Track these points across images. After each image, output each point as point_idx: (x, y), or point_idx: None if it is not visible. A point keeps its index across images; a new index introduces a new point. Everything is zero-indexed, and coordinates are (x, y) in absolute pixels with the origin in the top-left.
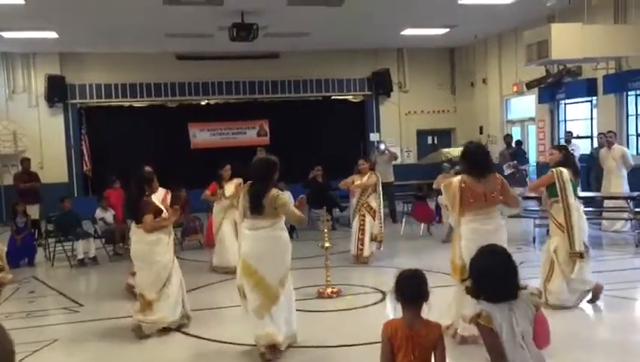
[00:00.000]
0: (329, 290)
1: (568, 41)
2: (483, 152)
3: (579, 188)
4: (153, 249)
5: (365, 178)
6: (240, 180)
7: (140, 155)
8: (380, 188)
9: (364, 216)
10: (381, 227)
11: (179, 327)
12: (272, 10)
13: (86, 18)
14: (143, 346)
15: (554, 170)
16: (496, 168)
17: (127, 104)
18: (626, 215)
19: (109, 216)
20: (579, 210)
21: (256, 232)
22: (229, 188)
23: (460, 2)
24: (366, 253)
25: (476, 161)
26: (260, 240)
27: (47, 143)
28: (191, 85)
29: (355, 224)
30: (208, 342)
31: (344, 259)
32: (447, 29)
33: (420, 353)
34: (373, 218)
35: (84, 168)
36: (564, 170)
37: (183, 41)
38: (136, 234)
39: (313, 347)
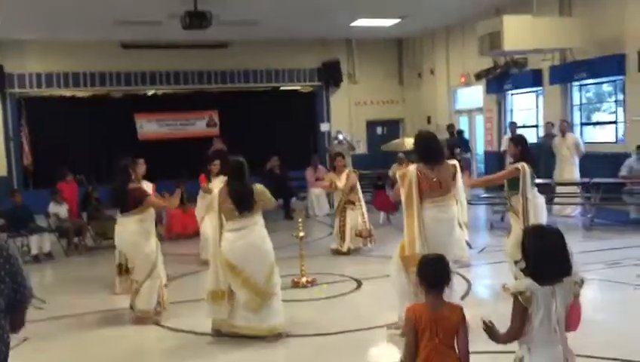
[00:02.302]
0: (304, 279)
1: (519, 32)
2: (434, 140)
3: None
4: (138, 239)
5: (344, 178)
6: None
7: (83, 147)
8: (358, 184)
9: (344, 211)
10: (364, 222)
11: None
12: None
13: (27, 1)
14: (117, 339)
15: (519, 165)
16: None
17: (69, 94)
18: (577, 200)
19: (62, 210)
20: (538, 200)
21: (244, 232)
22: (217, 183)
23: None
24: (345, 248)
25: (428, 148)
26: (247, 240)
27: None
28: (137, 75)
29: (337, 221)
30: (184, 333)
31: (318, 248)
32: (398, 20)
33: (444, 335)
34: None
35: (25, 161)
36: (526, 165)
37: (130, 28)
38: (122, 224)
39: (291, 336)
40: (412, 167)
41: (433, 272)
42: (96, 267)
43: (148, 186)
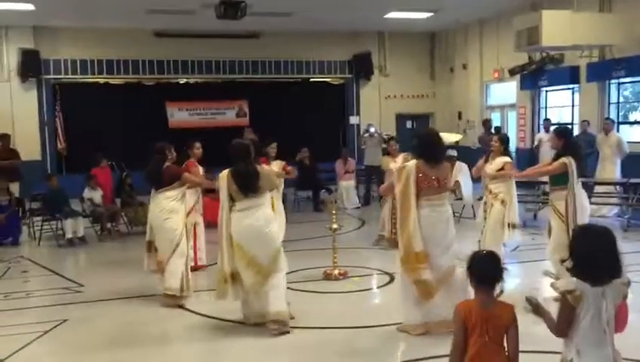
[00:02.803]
0: (336, 272)
1: (558, 28)
2: (438, 139)
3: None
4: (167, 215)
5: (400, 161)
6: None
7: (115, 134)
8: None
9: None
10: None
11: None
12: None
13: None
14: (156, 325)
15: (566, 160)
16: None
17: (102, 81)
18: (614, 200)
19: (97, 196)
20: (582, 198)
21: (249, 212)
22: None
23: None
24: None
25: (431, 146)
26: (251, 220)
27: (20, 120)
28: (169, 63)
29: (387, 208)
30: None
31: (349, 241)
32: (431, 13)
33: (494, 334)
34: None
35: (58, 146)
36: (573, 160)
37: (163, 17)
38: (154, 200)
39: (319, 328)
40: (411, 163)
41: (484, 268)
42: (129, 252)
43: (200, 171)
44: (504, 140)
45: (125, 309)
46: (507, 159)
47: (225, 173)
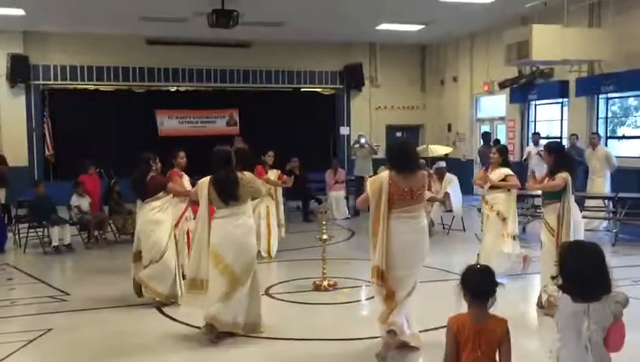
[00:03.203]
0: (325, 283)
1: (548, 42)
2: (410, 149)
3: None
4: (151, 226)
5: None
6: None
7: (104, 141)
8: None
9: None
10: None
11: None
12: None
13: None
14: (143, 334)
15: (565, 175)
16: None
17: (92, 87)
18: (603, 214)
19: (84, 203)
20: (576, 214)
21: (229, 220)
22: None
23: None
24: None
25: (402, 156)
26: (229, 228)
27: (7, 125)
28: (160, 71)
29: None
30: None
31: (338, 252)
32: (422, 26)
33: (487, 348)
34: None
35: (46, 152)
36: (569, 176)
37: (155, 24)
38: (140, 211)
39: (307, 340)
40: (384, 174)
41: (477, 283)
42: (116, 260)
43: (186, 180)
44: (503, 151)
45: (112, 318)
46: (508, 171)
47: (205, 180)
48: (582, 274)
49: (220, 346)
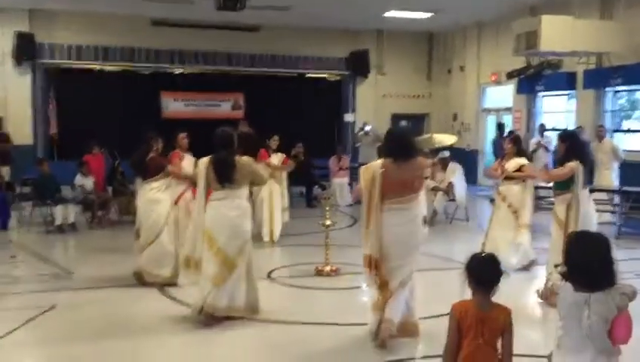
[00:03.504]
0: (328, 268)
1: (557, 33)
2: (406, 136)
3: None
4: (150, 206)
5: None
6: None
7: (108, 121)
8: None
9: None
10: None
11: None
12: None
13: None
14: (142, 314)
15: (574, 164)
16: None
17: (98, 67)
18: (607, 207)
19: (88, 183)
20: (588, 205)
21: (224, 202)
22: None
23: None
24: None
25: (395, 144)
26: (223, 210)
27: (12, 103)
28: (166, 52)
29: None
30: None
31: (341, 238)
32: (431, 14)
33: (489, 336)
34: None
35: (51, 131)
36: (580, 165)
37: (161, 5)
38: (141, 189)
39: (308, 323)
40: (377, 163)
41: (482, 271)
42: (119, 240)
43: (190, 160)
44: (517, 141)
45: (114, 297)
46: (524, 161)
47: (205, 160)
48: (587, 264)
49: (217, 328)
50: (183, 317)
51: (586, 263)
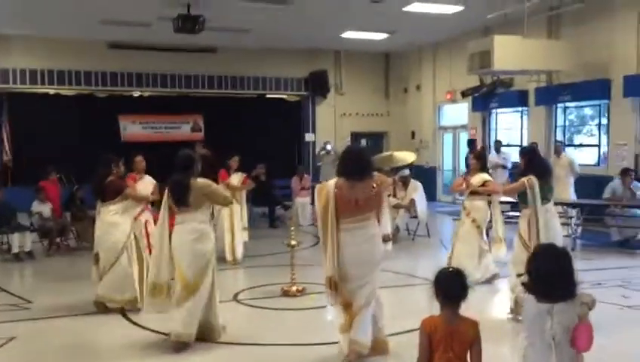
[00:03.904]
0: (294, 288)
1: (509, 52)
2: (360, 155)
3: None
4: (109, 229)
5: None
6: None
7: (65, 146)
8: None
9: None
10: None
11: (128, 310)
12: (218, 2)
13: None
14: (106, 342)
15: (525, 178)
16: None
17: (53, 91)
18: (562, 220)
19: (46, 209)
20: (551, 218)
21: (181, 226)
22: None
23: (404, 9)
24: None
25: (348, 162)
26: (180, 234)
27: None
28: (123, 76)
29: None
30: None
31: (304, 257)
32: (387, 35)
33: (459, 349)
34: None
35: (4, 158)
36: (534, 179)
37: (118, 28)
38: (100, 212)
39: (275, 345)
40: (331, 182)
41: (449, 285)
42: (78, 267)
43: (150, 182)
44: (480, 157)
45: (76, 326)
46: (486, 176)
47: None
48: (549, 277)
49: (184, 353)
50: (148, 343)
51: (549, 275)
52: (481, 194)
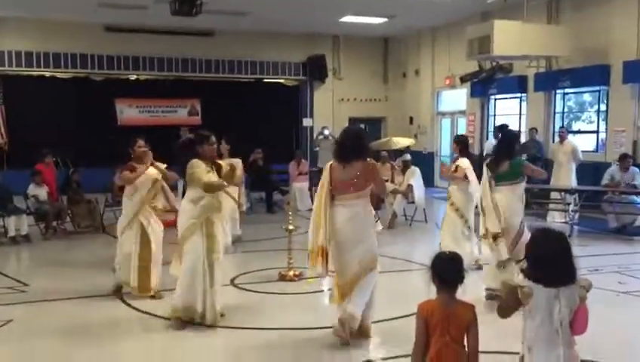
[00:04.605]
0: (291, 273)
1: (508, 38)
2: (353, 138)
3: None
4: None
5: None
6: None
7: (60, 129)
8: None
9: None
10: None
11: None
12: None
13: None
14: (103, 324)
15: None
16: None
17: (48, 74)
18: (560, 206)
19: (42, 193)
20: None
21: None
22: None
23: None
24: None
25: (341, 145)
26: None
27: None
28: (119, 59)
29: None
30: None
31: (303, 242)
32: (386, 19)
33: (456, 333)
34: None
35: (0, 141)
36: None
37: (114, 11)
38: None
39: (271, 329)
40: (329, 163)
41: (446, 270)
42: (74, 251)
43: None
44: (459, 142)
45: (71, 309)
46: (461, 162)
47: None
48: (551, 261)
49: (182, 335)
50: (147, 325)
51: (551, 260)
52: (455, 180)
